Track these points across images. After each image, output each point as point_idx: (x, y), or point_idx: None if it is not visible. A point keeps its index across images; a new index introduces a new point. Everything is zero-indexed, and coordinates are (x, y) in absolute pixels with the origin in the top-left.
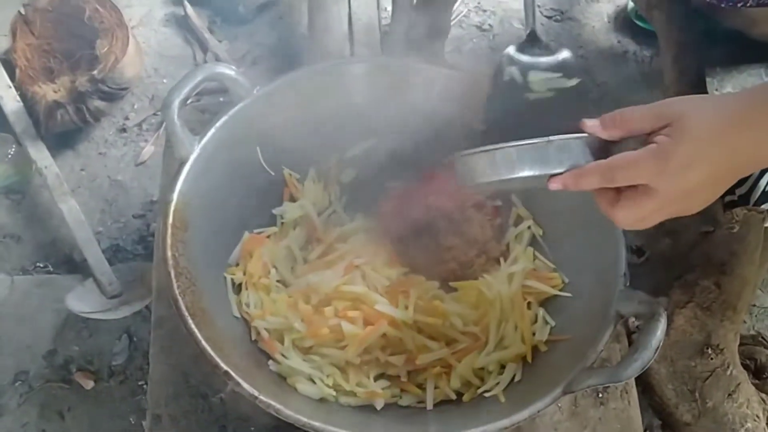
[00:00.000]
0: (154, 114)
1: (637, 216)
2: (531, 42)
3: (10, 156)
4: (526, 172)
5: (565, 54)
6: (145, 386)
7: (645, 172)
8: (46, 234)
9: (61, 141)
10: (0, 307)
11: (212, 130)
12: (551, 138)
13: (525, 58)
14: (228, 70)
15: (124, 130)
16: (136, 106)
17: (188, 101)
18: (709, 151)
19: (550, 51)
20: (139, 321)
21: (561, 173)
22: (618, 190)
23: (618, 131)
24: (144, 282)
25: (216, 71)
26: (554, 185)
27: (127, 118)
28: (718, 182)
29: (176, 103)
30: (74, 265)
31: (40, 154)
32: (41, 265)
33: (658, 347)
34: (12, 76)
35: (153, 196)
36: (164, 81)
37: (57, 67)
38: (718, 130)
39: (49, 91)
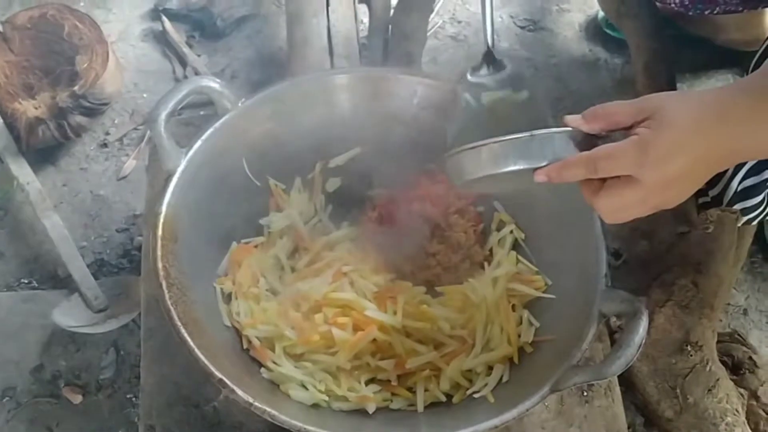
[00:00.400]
0: (135, 129)
1: (618, 205)
2: (487, 62)
3: None
4: (512, 167)
5: (513, 68)
6: (134, 399)
7: (626, 163)
8: (29, 250)
9: (42, 157)
10: None
11: (198, 143)
12: (535, 132)
13: (476, 81)
14: (213, 83)
15: (105, 145)
16: (116, 121)
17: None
18: (689, 141)
19: (503, 68)
20: (126, 334)
21: (545, 166)
22: (602, 180)
23: (600, 124)
24: (130, 295)
25: (201, 84)
26: (539, 177)
27: (107, 133)
28: (697, 173)
29: (163, 116)
30: (59, 281)
31: (21, 170)
32: (25, 281)
33: (641, 344)
34: None
35: (136, 210)
36: (144, 96)
37: (37, 84)
38: (696, 121)
39: (29, 108)
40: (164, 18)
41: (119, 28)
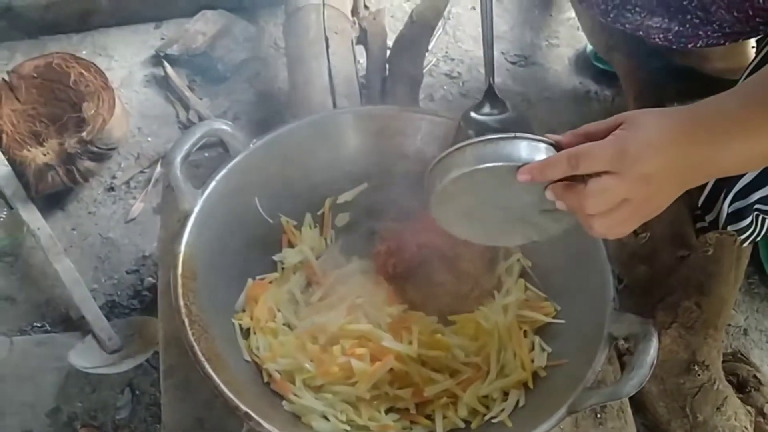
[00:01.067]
0: (141, 172)
1: (604, 204)
2: (489, 100)
3: (1, 219)
4: (494, 163)
5: (514, 111)
6: None
7: (607, 157)
8: (40, 294)
9: (50, 202)
10: (0, 368)
11: (213, 183)
12: (518, 134)
13: (480, 119)
14: (225, 126)
15: (112, 188)
16: (122, 165)
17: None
18: (663, 144)
19: (505, 108)
20: (141, 374)
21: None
22: (584, 185)
23: (577, 139)
24: (143, 335)
25: (214, 127)
26: (522, 176)
27: (114, 177)
28: (674, 178)
29: (179, 159)
30: (71, 323)
31: (31, 216)
32: (38, 325)
33: (653, 364)
34: None
35: (145, 252)
36: (149, 140)
37: (44, 131)
38: (667, 131)
39: (38, 154)
40: (166, 63)
41: (122, 74)
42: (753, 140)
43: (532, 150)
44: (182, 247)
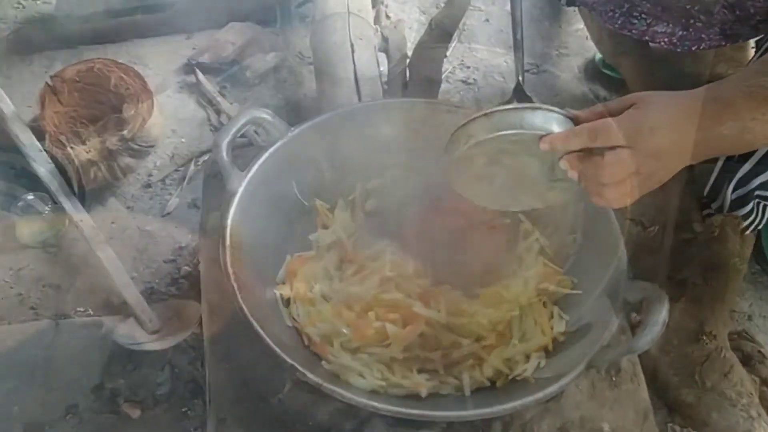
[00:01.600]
0: (176, 170)
1: (621, 172)
2: (517, 96)
3: (46, 212)
4: (516, 129)
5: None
6: (189, 412)
7: (622, 131)
8: (82, 282)
9: (90, 198)
10: (47, 349)
11: (256, 166)
12: (540, 105)
13: None
14: (265, 114)
15: (149, 185)
16: (158, 164)
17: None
18: (670, 121)
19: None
20: (179, 353)
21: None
22: (600, 157)
23: (594, 115)
24: (181, 317)
25: (256, 115)
26: (545, 145)
27: (150, 175)
28: (681, 153)
29: (225, 143)
30: (113, 309)
31: (74, 208)
32: (81, 310)
33: (664, 322)
34: (41, 141)
35: (181, 243)
36: (182, 140)
37: (84, 131)
38: (671, 111)
39: (81, 152)
40: (197, 71)
41: (156, 81)
42: (743, 122)
43: (553, 121)
44: (229, 221)
